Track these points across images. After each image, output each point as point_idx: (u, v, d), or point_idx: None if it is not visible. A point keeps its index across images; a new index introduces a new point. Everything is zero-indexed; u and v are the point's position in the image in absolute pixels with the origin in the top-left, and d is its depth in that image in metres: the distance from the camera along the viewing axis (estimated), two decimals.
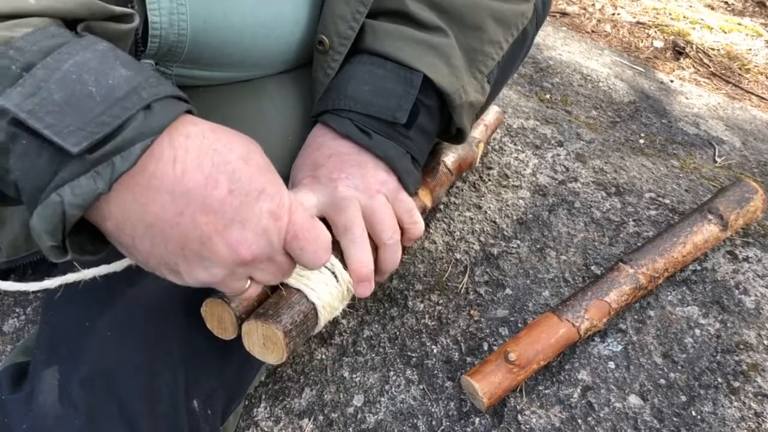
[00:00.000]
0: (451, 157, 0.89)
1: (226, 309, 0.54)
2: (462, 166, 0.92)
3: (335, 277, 0.59)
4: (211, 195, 0.41)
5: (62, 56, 0.39)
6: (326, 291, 0.58)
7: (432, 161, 0.87)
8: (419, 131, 0.66)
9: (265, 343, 0.54)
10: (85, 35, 0.42)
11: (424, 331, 0.84)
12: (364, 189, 0.61)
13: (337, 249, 0.60)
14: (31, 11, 0.40)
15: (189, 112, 0.43)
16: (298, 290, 0.57)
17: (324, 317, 0.58)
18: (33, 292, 0.62)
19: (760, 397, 0.75)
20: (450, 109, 0.67)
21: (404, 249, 0.67)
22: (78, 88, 0.38)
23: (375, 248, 0.63)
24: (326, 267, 0.59)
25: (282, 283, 0.56)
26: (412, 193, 0.67)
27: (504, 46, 0.70)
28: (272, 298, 0.56)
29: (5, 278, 0.90)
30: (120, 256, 0.50)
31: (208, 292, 0.56)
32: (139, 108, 0.39)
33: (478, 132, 0.99)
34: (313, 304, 0.57)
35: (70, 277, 0.51)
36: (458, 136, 0.74)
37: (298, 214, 0.46)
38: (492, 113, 1.04)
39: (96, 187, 0.38)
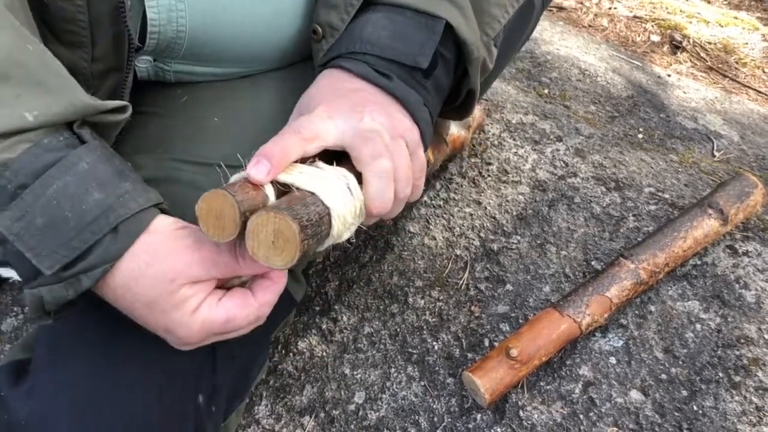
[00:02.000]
0: (446, 130, 0.90)
1: (229, 201, 0.48)
2: (456, 144, 0.94)
3: (350, 190, 0.54)
4: (136, 320, 0.51)
5: (47, 181, 0.46)
6: (341, 200, 0.52)
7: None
8: (435, 85, 0.63)
9: (275, 241, 0.47)
10: (81, 141, 0.48)
11: (424, 327, 0.84)
12: (390, 128, 0.56)
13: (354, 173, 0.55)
14: (30, 127, 0.46)
15: (162, 210, 0.51)
16: (312, 192, 0.51)
17: (337, 226, 0.53)
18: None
19: (761, 392, 0.75)
20: (467, 63, 0.64)
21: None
22: (56, 213, 0.45)
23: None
24: (341, 179, 0.54)
25: (294, 186, 0.51)
26: (428, 148, 0.63)
27: (510, 10, 0.69)
28: (284, 198, 0.51)
29: (4, 279, 0.90)
30: None
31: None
32: (107, 231, 0.47)
33: (463, 122, 1.01)
34: (328, 208, 0.51)
35: None
36: (466, 105, 0.71)
37: (214, 326, 0.51)
38: (476, 111, 1.06)
39: (66, 295, 0.47)
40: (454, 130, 0.93)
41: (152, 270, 0.48)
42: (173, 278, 0.48)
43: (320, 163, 0.55)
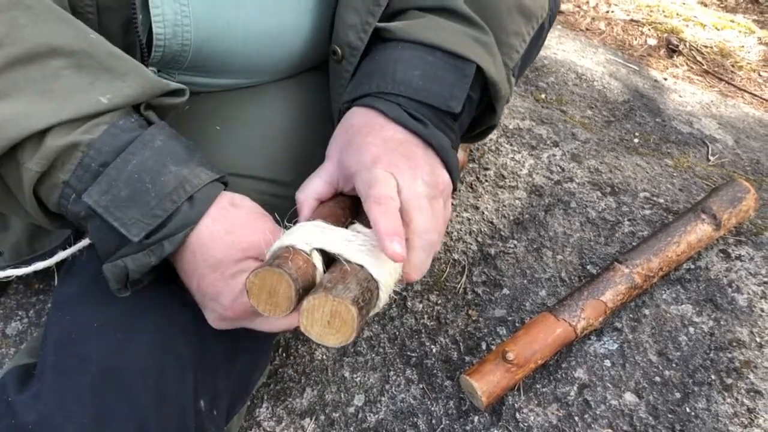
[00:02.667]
0: None
1: (284, 279, 0.48)
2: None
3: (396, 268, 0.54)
4: (191, 283, 0.56)
5: (128, 156, 0.50)
6: (387, 271, 0.53)
7: None
8: (460, 126, 0.63)
9: (331, 321, 0.47)
10: (149, 123, 0.53)
11: (423, 331, 0.85)
12: (434, 187, 0.57)
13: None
14: (105, 109, 0.50)
15: (224, 183, 0.56)
16: (361, 266, 0.51)
17: (384, 298, 0.53)
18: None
19: (752, 394, 0.77)
20: (494, 101, 0.65)
21: None
22: (138, 186, 0.50)
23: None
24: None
25: (342, 257, 0.52)
26: (457, 187, 0.64)
27: (527, 38, 0.69)
28: (334, 273, 0.50)
29: (8, 283, 0.91)
30: None
31: None
32: (184, 200, 0.52)
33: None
34: (377, 282, 0.51)
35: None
36: (484, 133, 0.72)
37: (243, 319, 0.56)
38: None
39: (150, 261, 0.52)
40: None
41: (230, 237, 0.53)
42: (245, 248, 0.53)
43: (359, 227, 0.55)
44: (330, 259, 0.52)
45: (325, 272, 0.52)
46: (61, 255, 0.63)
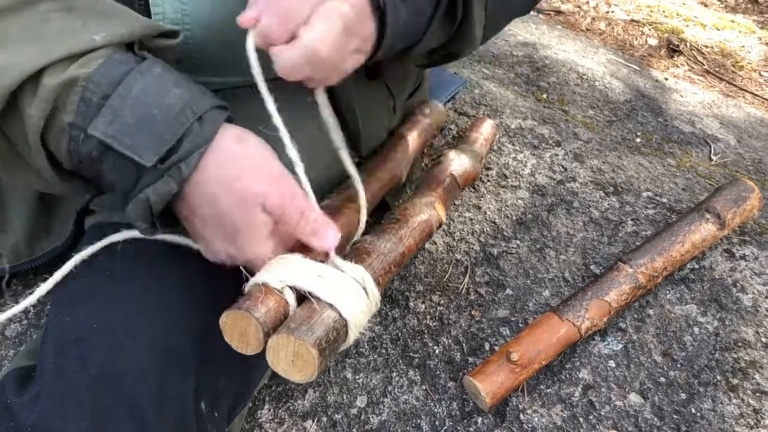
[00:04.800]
0: (458, 169, 0.90)
1: (252, 322, 0.51)
2: (467, 180, 0.93)
3: (366, 294, 0.57)
4: (197, 226, 0.54)
5: (129, 85, 0.49)
6: (358, 307, 0.55)
7: (441, 173, 0.87)
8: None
9: (294, 360, 0.50)
10: (143, 59, 0.52)
11: (425, 331, 0.85)
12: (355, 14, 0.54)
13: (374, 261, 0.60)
14: (99, 45, 0.50)
15: (229, 119, 0.55)
16: (330, 305, 0.54)
17: (353, 335, 0.55)
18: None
19: (758, 394, 0.76)
20: None
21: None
22: (144, 111, 0.49)
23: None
24: (357, 281, 0.56)
25: (312, 295, 0.54)
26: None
27: None
28: (303, 311, 0.53)
29: (8, 285, 0.91)
30: None
31: (218, 298, 0.56)
32: (193, 120, 0.51)
33: (478, 146, 1.00)
34: (346, 320, 0.54)
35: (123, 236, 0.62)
36: (466, 27, 0.65)
37: (264, 262, 0.56)
38: (487, 126, 1.06)
39: (170, 188, 0.51)
40: (469, 166, 0.92)
41: (238, 184, 0.52)
42: (254, 199, 0.52)
43: (338, 260, 0.58)
44: (304, 295, 0.55)
45: (298, 306, 0.54)
46: (49, 284, 0.62)
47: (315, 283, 0.54)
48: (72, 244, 0.77)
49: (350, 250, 0.65)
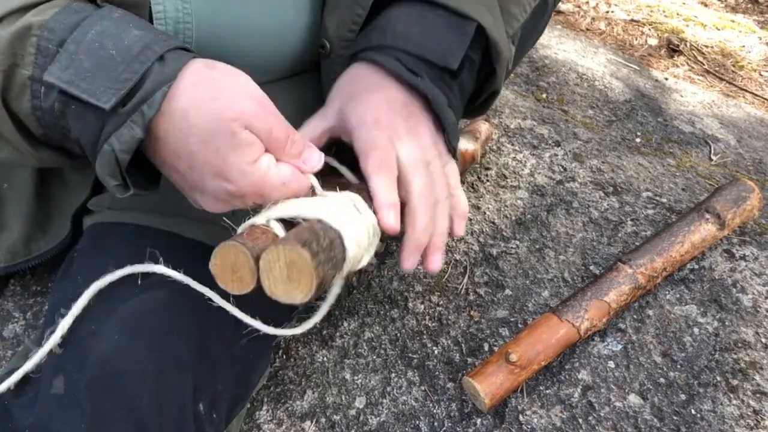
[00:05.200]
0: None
1: (240, 251, 0.46)
2: (466, 157, 0.93)
3: (357, 210, 0.53)
4: (176, 165, 0.50)
5: (85, 29, 0.47)
6: (350, 221, 0.51)
7: None
8: (460, 87, 0.63)
9: (290, 275, 0.45)
10: (103, 5, 0.50)
11: (424, 332, 0.84)
12: (434, 152, 0.59)
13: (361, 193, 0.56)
14: None
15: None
16: (319, 220, 0.50)
17: (352, 248, 0.51)
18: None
19: (758, 395, 0.76)
20: (495, 63, 0.64)
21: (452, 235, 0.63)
22: (101, 53, 0.47)
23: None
24: (347, 201, 0.53)
25: (299, 218, 0.51)
26: (456, 150, 0.64)
27: (527, 8, 0.69)
28: (292, 230, 0.49)
29: (5, 284, 0.90)
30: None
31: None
32: (154, 60, 0.47)
33: (474, 133, 1.01)
34: (338, 230, 0.50)
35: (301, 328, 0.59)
36: (486, 103, 0.71)
37: (266, 187, 0.50)
38: (482, 124, 1.06)
39: (134, 134, 0.47)
40: (463, 144, 0.92)
41: (216, 104, 0.48)
42: (236, 117, 0.48)
43: (322, 191, 0.55)
44: (293, 227, 0.51)
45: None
46: (68, 319, 0.58)
47: (300, 208, 0.51)
48: (70, 244, 0.77)
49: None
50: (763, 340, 0.82)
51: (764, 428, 0.73)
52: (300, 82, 0.73)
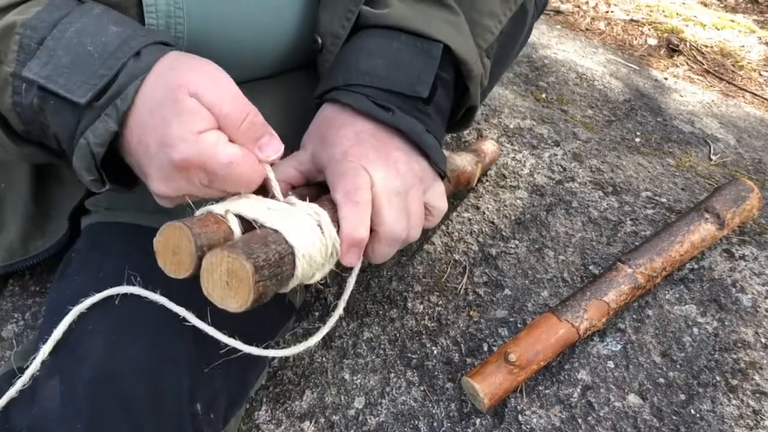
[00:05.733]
0: (450, 164, 0.87)
1: (185, 235, 0.45)
2: (460, 179, 0.90)
3: (320, 228, 0.51)
4: (131, 143, 0.50)
5: (65, 26, 0.48)
6: (308, 238, 0.50)
7: None
8: (436, 109, 0.62)
9: (229, 282, 0.44)
10: (86, 2, 0.51)
11: (424, 332, 0.84)
12: (411, 180, 0.57)
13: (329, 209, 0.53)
14: None
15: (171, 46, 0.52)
16: (275, 230, 0.48)
17: (302, 267, 0.49)
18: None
19: (758, 395, 0.76)
20: (467, 81, 0.63)
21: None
22: (80, 50, 0.48)
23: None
24: (312, 216, 0.51)
25: (257, 223, 0.49)
26: (444, 172, 0.62)
27: (503, 19, 0.67)
28: (244, 236, 0.48)
29: (4, 284, 0.90)
30: None
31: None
32: (130, 56, 0.48)
33: (475, 153, 0.98)
34: (292, 247, 0.48)
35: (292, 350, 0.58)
36: (466, 119, 0.70)
37: (211, 162, 0.48)
38: (489, 144, 1.02)
39: (108, 127, 0.48)
40: (460, 163, 0.88)
41: (170, 73, 0.49)
42: (180, 84, 0.48)
43: (293, 198, 0.53)
44: (251, 227, 0.49)
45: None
46: (49, 344, 0.57)
47: (263, 212, 0.49)
48: (67, 244, 0.77)
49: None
50: (763, 340, 0.81)
51: (764, 428, 0.73)
52: (295, 78, 0.73)
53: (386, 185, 0.54)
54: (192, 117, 0.47)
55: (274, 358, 0.82)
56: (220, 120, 0.48)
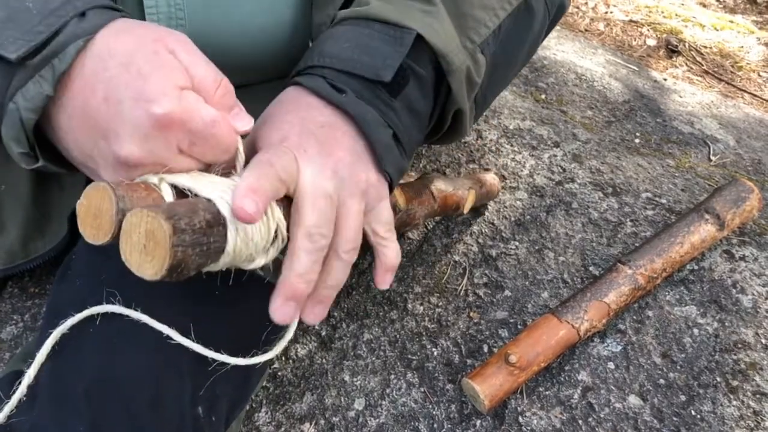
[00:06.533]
0: (439, 185, 0.80)
1: (107, 196, 0.41)
2: (448, 201, 0.82)
3: (267, 218, 0.47)
4: (88, 103, 0.43)
5: None
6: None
7: (417, 184, 0.78)
8: (406, 105, 0.56)
9: (147, 245, 0.40)
10: None
11: (424, 333, 0.84)
12: (350, 185, 0.51)
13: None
14: None
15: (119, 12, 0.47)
16: (209, 200, 0.44)
17: (234, 242, 0.45)
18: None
19: (758, 396, 0.76)
20: (447, 75, 0.58)
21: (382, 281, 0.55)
22: (17, 5, 0.43)
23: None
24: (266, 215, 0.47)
25: (192, 193, 0.45)
26: (390, 176, 0.54)
27: (500, 13, 0.63)
28: (173, 201, 0.44)
29: (3, 286, 0.90)
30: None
31: (215, 301, 0.55)
32: (73, 15, 0.43)
33: (469, 180, 0.91)
34: (224, 218, 0.44)
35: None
36: (456, 128, 0.65)
37: (194, 120, 0.44)
38: (490, 177, 0.96)
39: (42, 90, 0.43)
40: (451, 185, 0.83)
41: (139, 30, 0.44)
42: (158, 39, 0.44)
43: (237, 177, 0.48)
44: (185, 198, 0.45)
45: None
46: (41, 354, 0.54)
47: (201, 183, 0.45)
48: (67, 245, 0.77)
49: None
50: (763, 340, 0.81)
51: (764, 429, 0.73)
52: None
53: (314, 183, 0.48)
54: (173, 72, 0.43)
55: (274, 361, 0.82)
56: (195, 82, 0.45)
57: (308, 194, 0.48)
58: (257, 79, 0.71)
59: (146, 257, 0.40)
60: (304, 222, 0.47)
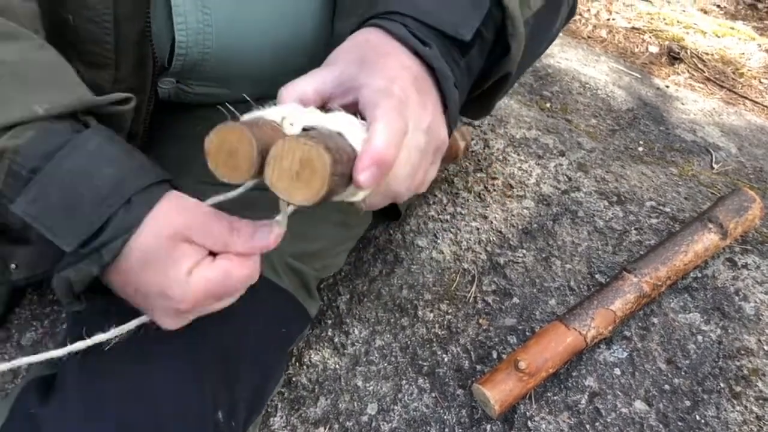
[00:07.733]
0: None
1: (246, 138, 0.42)
2: (450, 151, 0.88)
3: None
4: (125, 291, 0.51)
5: (59, 161, 0.47)
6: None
7: None
8: (467, 66, 0.57)
9: (300, 172, 0.41)
10: (81, 131, 0.49)
11: (434, 340, 0.86)
12: (430, 135, 0.51)
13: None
14: (39, 117, 0.48)
15: (171, 185, 0.52)
16: (340, 133, 0.45)
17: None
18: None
19: (761, 401, 0.78)
20: (510, 39, 0.58)
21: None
22: (71, 192, 0.47)
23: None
24: (366, 127, 0.48)
25: (322, 126, 0.46)
26: (452, 134, 0.56)
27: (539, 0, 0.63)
28: (312, 132, 0.45)
29: (22, 292, 0.92)
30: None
31: (237, 306, 0.57)
32: (121, 204, 0.47)
33: (457, 132, 0.98)
34: (356, 152, 0.45)
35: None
36: (496, 91, 0.64)
37: (202, 305, 0.50)
38: (465, 128, 1.03)
39: (91, 271, 0.48)
40: (455, 137, 0.92)
41: (156, 226, 0.48)
42: (170, 234, 0.48)
43: (344, 113, 0.49)
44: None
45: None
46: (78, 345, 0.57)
47: (324, 119, 0.46)
48: None
49: None
50: (766, 347, 0.83)
51: None
52: None
53: (414, 137, 0.49)
54: (183, 260, 0.48)
55: (288, 366, 0.84)
56: (215, 246, 0.49)
57: (406, 147, 0.48)
58: (275, 90, 0.73)
59: (298, 184, 0.41)
60: (396, 172, 0.48)
